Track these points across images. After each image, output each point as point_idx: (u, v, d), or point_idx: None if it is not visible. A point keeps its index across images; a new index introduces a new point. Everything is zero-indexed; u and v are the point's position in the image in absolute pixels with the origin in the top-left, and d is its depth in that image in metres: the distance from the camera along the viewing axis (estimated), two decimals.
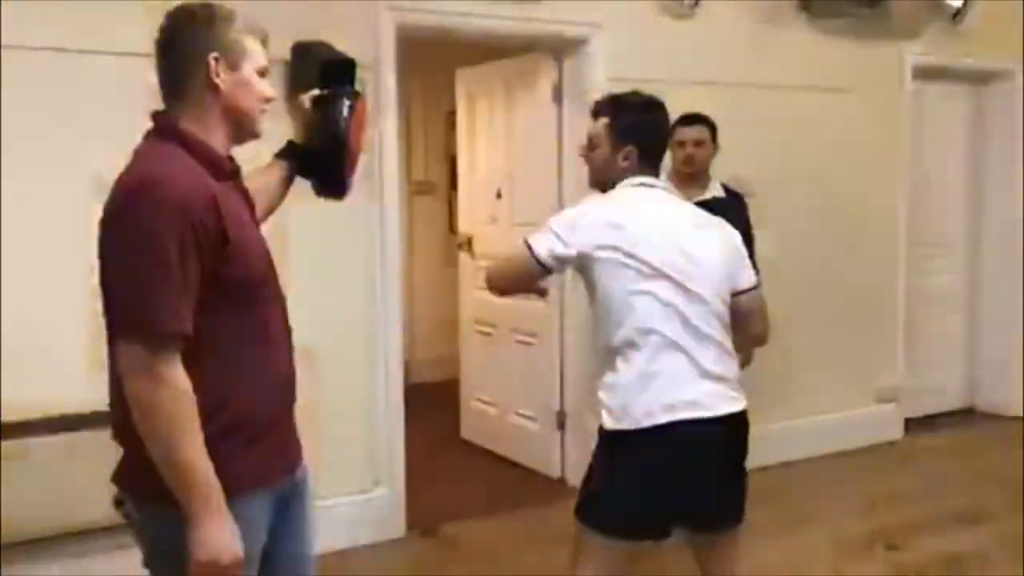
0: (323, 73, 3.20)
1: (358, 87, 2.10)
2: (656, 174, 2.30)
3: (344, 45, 3.31)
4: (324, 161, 1.98)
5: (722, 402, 2.11)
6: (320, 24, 3.33)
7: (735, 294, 2.21)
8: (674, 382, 2.08)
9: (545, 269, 2.19)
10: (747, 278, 2.25)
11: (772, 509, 3.99)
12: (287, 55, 3.26)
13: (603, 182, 2.30)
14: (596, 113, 2.32)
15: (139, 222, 1.48)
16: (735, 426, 2.15)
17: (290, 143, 2.02)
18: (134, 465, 1.61)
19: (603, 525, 2.15)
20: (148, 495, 1.58)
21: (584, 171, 2.39)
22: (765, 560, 3.49)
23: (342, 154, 1.96)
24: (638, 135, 2.25)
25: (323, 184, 2.02)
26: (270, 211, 1.97)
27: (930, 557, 3.54)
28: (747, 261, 2.29)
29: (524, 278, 2.28)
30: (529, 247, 2.17)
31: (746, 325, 2.23)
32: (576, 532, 2.21)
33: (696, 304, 2.09)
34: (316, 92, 2.02)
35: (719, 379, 2.11)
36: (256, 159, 1.93)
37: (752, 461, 2.25)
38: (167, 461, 1.49)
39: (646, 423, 2.07)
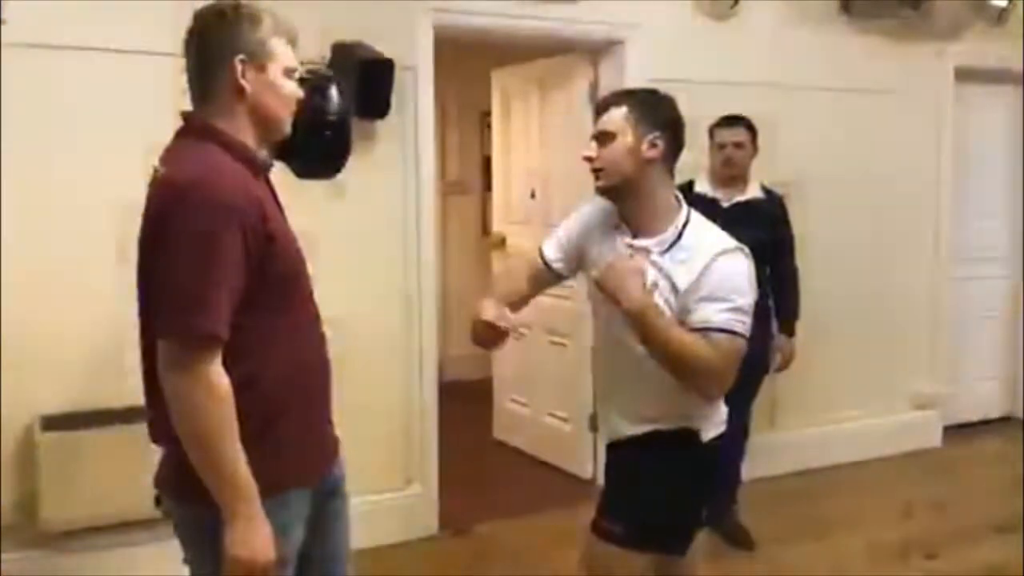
0: (362, 73, 3.25)
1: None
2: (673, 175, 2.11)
3: (383, 46, 3.38)
4: (318, 142, 1.93)
5: None
6: (359, 26, 3.38)
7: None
8: None
9: None
10: None
11: (809, 514, 3.96)
12: (327, 56, 3.32)
13: (621, 183, 2.04)
14: (605, 107, 2.07)
15: (192, 223, 1.49)
16: None
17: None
18: (172, 465, 1.63)
19: (669, 545, 2.13)
20: (186, 494, 1.60)
21: None
22: (801, 565, 3.46)
23: (341, 134, 1.92)
24: (664, 121, 2.04)
25: (308, 165, 1.97)
26: None
27: (968, 567, 3.48)
28: None
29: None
30: (738, 333, 1.97)
31: None
32: (607, 556, 2.10)
33: None
34: (298, 75, 1.95)
35: None
36: None
37: (790, 465, 2.27)
38: (204, 461, 1.50)
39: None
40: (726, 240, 2.05)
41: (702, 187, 3.60)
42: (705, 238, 2.04)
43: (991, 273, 5.36)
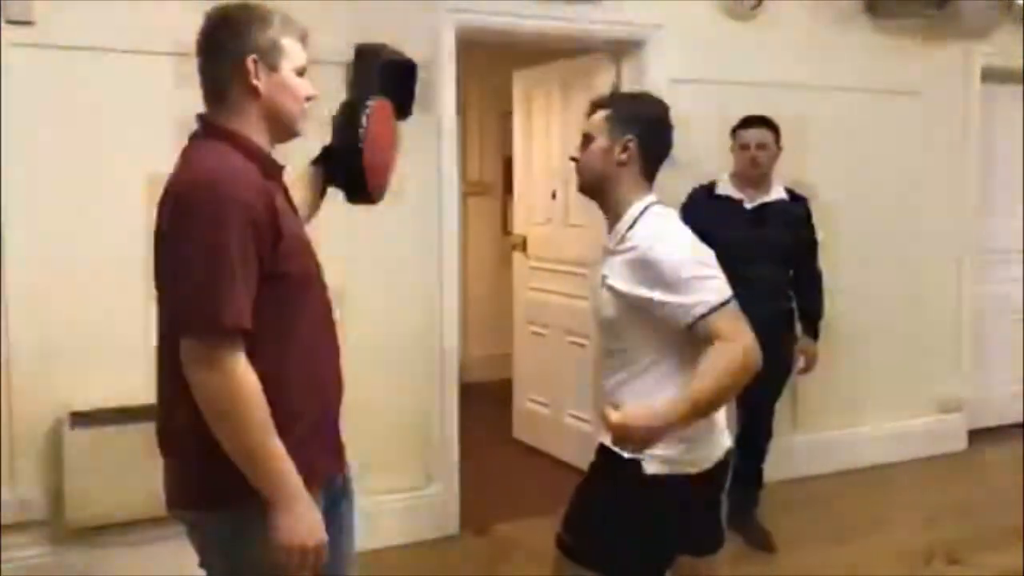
0: (384, 75, 3.26)
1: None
2: (652, 183, 2.07)
3: (404, 47, 3.37)
4: (345, 167, 1.94)
5: None
6: (381, 26, 3.38)
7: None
8: (721, 421, 2.08)
9: None
10: None
11: (832, 517, 3.94)
12: (349, 57, 3.34)
13: (594, 182, 2.07)
14: (593, 109, 2.12)
15: (203, 219, 1.50)
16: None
17: (325, 149, 1.99)
18: (181, 475, 1.65)
19: (606, 569, 2.02)
20: (200, 502, 1.62)
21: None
22: (823, 568, 3.44)
23: (360, 160, 1.93)
24: (640, 125, 2.03)
25: (348, 190, 1.98)
26: (309, 218, 1.96)
27: (991, 572, 3.44)
28: None
29: None
30: (721, 304, 1.87)
31: None
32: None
33: None
34: (344, 100, 1.98)
35: None
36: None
37: (812, 468, 2.23)
38: (244, 452, 1.51)
39: (713, 462, 2.04)
40: (659, 230, 1.97)
41: (725, 188, 3.59)
42: (643, 230, 1.97)
43: (1018, 275, 5.30)
